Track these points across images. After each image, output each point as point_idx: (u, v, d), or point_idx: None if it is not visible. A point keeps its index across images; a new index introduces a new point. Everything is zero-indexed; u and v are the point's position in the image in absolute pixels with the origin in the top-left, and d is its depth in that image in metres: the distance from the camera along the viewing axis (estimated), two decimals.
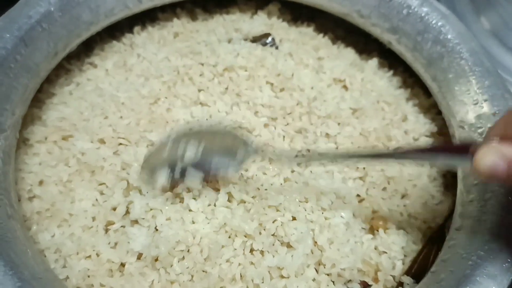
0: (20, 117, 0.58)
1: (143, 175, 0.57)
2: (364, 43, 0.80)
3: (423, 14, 0.68)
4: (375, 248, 0.58)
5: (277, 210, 0.57)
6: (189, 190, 0.57)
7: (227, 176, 0.57)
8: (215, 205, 0.57)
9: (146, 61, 0.71)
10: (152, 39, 0.75)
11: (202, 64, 0.71)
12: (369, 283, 0.56)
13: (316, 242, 0.56)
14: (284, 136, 0.66)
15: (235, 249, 0.55)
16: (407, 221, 0.62)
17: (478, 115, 0.60)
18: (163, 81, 0.68)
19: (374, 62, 0.76)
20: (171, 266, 0.53)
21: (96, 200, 0.58)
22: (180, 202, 0.57)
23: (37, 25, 0.60)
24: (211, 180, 0.57)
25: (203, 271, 0.53)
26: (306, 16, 0.82)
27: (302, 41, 0.77)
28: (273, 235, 0.56)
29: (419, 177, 0.65)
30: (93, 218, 0.57)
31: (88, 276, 0.53)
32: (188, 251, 0.54)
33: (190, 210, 0.57)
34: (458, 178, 0.59)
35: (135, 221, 0.56)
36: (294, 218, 0.57)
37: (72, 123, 0.63)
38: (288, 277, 0.54)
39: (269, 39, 0.76)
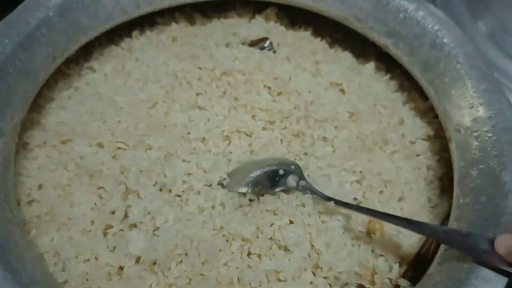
0: (20, 121, 0.58)
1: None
2: (361, 47, 0.80)
3: (419, 18, 0.69)
4: (372, 251, 0.59)
5: (274, 214, 0.58)
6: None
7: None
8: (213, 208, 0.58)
9: (145, 66, 0.72)
10: (150, 44, 0.76)
11: (200, 68, 0.71)
12: (366, 286, 0.56)
13: (313, 246, 0.56)
14: (281, 140, 0.67)
15: (233, 253, 0.55)
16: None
17: (474, 118, 0.61)
18: (161, 85, 0.69)
19: (371, 66, 0.77)
20: (169, 269, 0.53)
21: (95, 204, 0.58)
22: (178, 206, 0.58)
23: (36, 30, 0.60)
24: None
25: (201, 274, 0.53)
26: (304, 20, 0.82)
27: (300, 45, 0.78)
28: (270, 238, 0.56)
29: (415, 181, 0.65)
30: (92, 222, 0.57)
31: (87, 280, 0.53)
32: (186, 254, 0.54)
33: (188, 214, 0.57)
34: (455, 182, 0.60)
35: (134, 225, 0.56)
36: (291, 222, 0.58)
37: (71, 128, 0.64)
38: (285, 281, 0.54)
39: (267, 43, 0.77)
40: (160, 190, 0.59)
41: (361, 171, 0.64)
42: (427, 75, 0.68)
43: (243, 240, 0.56)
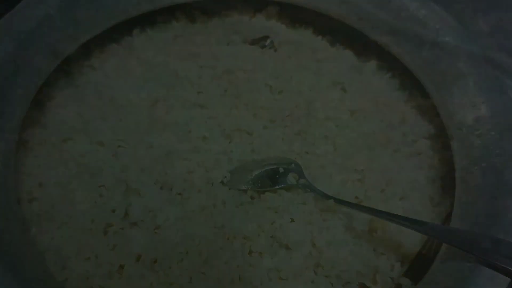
0: (20, 119, 0.58)
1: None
2: (362, 45, 0.80)
3: (421, 17, 0.68)
4: (374, 250, 0.58)
5: (276, 212, 0.58)
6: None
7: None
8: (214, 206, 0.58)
9: (145, 64, 0.72)
10: (151, 42, 0.76)
11: (201, 67, 0.71)
12: (368, 285, 0.56)
13: (314, 244, 0.56)
14: (283, 138, 0.66)
15: (234, 251, 0.55)
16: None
17: (476, 117, 0.60)
18: (162, 83, 0.69)
19: (372, 64, 0.76)
20: (170, 268, 0.53)
21: (95, 202, 0.58)
22: (179, 204, 0.58)
23: (36, 28, 0.60)
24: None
25: (202, 273, 0.53)
26: (305, 19, 0.82)
27: (301, 43, 0.77)
28: (271, 237, 0.56)
29: (417, 179, 0.65)
30: (92, 220, 0.56)
31: (87, 278, 0.53)
32: (187, 253, 0.54)
33: (189, 212, 0.57)
34: (457, 180, 0.59)
35: (134, 223, 0.56)
36: (292, 220, 0.57)
37: (72, 126, 0.64)
38: (286, 279, 0.54)
39: (268, 41, 0.76)
40: (161, 188, 0.59)
41: (362, 170, 0.64)
42: (429, 74, 0.67)
43: (244, 239, 0.56)
